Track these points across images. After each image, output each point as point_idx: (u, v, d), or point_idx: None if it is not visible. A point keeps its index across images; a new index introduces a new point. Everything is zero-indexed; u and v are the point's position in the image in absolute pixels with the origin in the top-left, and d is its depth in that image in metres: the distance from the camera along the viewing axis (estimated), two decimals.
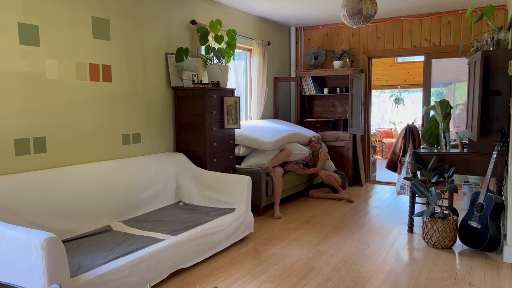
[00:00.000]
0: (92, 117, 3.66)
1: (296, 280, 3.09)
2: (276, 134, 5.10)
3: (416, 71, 9.75)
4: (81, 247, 2.88)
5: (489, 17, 3.61)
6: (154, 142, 4.32)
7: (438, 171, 3.84)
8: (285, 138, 5.16)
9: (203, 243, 3.32)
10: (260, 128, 5.24)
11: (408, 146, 5.00)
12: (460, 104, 6.92)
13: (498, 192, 3.69)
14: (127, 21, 3.94)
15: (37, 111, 3.23)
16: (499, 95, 3.53)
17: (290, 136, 5.30)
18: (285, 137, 5.18)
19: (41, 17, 3.22)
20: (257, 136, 4.93)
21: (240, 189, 3.92)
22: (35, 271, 2.20)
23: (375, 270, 3.27)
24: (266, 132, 5.11)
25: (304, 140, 5.67)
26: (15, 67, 3.07)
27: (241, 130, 4.98)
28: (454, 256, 3.56)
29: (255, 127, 5.27)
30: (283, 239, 4.00)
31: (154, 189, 3.95)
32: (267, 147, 4.85)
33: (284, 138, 5.15)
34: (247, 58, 6.12)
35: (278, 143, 5.01)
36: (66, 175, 3.27)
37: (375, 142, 9.76)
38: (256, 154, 5.01)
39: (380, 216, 4.78)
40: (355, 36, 6.54)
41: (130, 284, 2.66)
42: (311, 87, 6.66)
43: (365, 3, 3.88)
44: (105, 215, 3.43)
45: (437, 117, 4.21)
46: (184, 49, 4.26)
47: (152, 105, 4.27)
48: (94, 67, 3.64)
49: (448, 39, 5.91)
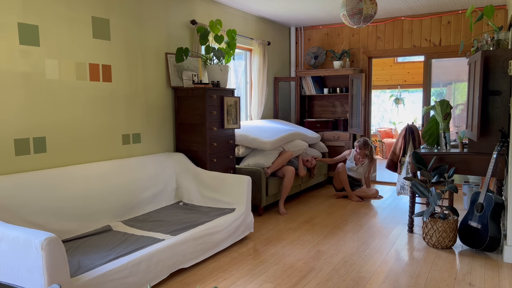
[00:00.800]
0: (92, 117, 3.66)
1: (296, 280, 3.09)
2: (276, 134, 5.09)
3: (416, 71, 9.75)
4: (81, 247, 2.88)
5: (489, 17, 3.61)
6: (154, 142, 4.32)
7: (438, 171, 3.84)
8: (284, 138, 5.15)
9: (203, 243, 3.32)
10: (260, 128, 5.23)
11: (408, 146, 5.00)
12: (460, 104, 6.92)
13: (498, 192, 3.69)
14: (127, 21, 3.94)
15: (37, 111, 3.23)
16: (499, 95, 3.53)
17: (290, 135, 5.30)
18: (285, 136, 5.16)
19: (41, 17, 3.22)
20: (256, 136, 4.92)
21: (240, 189, 3.91)
22: (35, 271, 2.20)
23: (375, 270, 3.26)
24: (265, 132, 5.10)
25: (304, 140, 5.67)
26: (15, 67, 3.07)
27: (241, 130, 4.97)
28: (454, 256, 3.56)
29: (255, 127, 5.26)
30: (283, 239, 4.00)
31: (154, 189, 3.95)
32: (267, 146, 4.85)
33: (284, 138, 5.14)
34: (247, 58, 6.12)
35: (278, 143, 5.00)
36: (66, 175, 3.27)
37: (375, 142, 9.76)
38: (255, 154, 5.01)
39: (380, 216, 4.78)
40: (355, 36, 6.54)
41: (130, 284, 2.66)
42: (311, 87, 6.66)
43: (365, 3, 3.88)
44: (105, 215, 3.43)
45: (437, 117, 4.21)
46: (184, 49, 4.26)
47: (152, 105, 4.27)
48: (94, 67, 3.64)
49: (448, 39, 5.91)
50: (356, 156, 5.63)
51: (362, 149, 5.55)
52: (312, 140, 5.92)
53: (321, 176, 6.18)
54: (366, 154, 5.60)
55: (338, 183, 5.64)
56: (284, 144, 5.22)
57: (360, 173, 5.66)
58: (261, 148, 4.89)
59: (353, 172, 5.64)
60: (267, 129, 5.24)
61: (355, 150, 5.62)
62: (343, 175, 5.50)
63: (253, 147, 4.93)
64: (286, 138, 5.20)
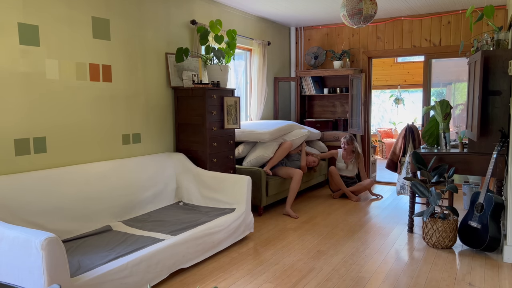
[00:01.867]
0: (92, 117, 3.66)
1: (296, 280, 3.09)
2: (273, 126, 5.13)
3: (416, 71, 9.75)
4: (81, 247, 2.88)
5: (489, 17, 3.61)
6: (154, 142, 4.32)
7: (438, 171, 3.84)
8: (282, 129, 5.16)
9: (203, 243, 3.32)
10: (258, 124, 5.30)
11: (408, 146, 5.00)
12: (460, 104, 6.92)
13: (498, 192, 3.69)
14: (127, 21, 3.94)
15: (37, 111, 3.23)
16: (499, 95, 3.53)
17: (288, 126, 5.31)
18: (282, 128, 5.17)
19: (41, 17, 3.22)
20: (253, 128, 4.98)
21: (240, 189, 3.91)
22: (35, 271, 2.20)
23: (375, 270, 3.26)
24: (263, 125, 5.16)
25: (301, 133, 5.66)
26: (15, 67, 3.07)
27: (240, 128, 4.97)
28: (454, 256, 3.56)
29: (253, 123, 5.33)
30: (283, 239, 4.00)
31: (154, 189, 3.95)
32: (265, 137, 4.86)
33: (281, 128, 5.15)
34: (247, 58, 6.12)
35: (276, 133, 5.02)
36: (66, 175, 3.27)
37: (375, 142, 9.76)
38: (255, 149, 5.02)
39: (380, 216, 4.78)
40: (355, 36, 6.54)
41: (130, 284, 2.66)
42: (311, 87, 6.66)
43: (365, 3, 3.88)
44: (105, 215, 3.43)
45: (437, 117, 4.21)
46: (184, 49, 4.26)
47: (152, 105, 4.27)
48: (94, 67, 3.64)
49: (448, 39, 5.91)
50: (343, 154, 5.73)
51: (350, 145, 5.65)
52: (312, 135, 5.92)
53: (321, 176, 6.18)
54: (353, 150, 5.70)
55: (334, 186, 5.70)
56: (284, 135, 5.22)
57: (351, 170, 5.75)
58: (260, 140, 4.90)
59: (344, 171, 5.73)
60: (265, 124, 5.29)
61: (342, 148, 5.73)
62: (336, 177, 5.56)
63: (251, 140, 4.94)
64: (284, 129, 5.21)
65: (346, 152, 5.70)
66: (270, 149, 4.97)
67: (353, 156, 5.74)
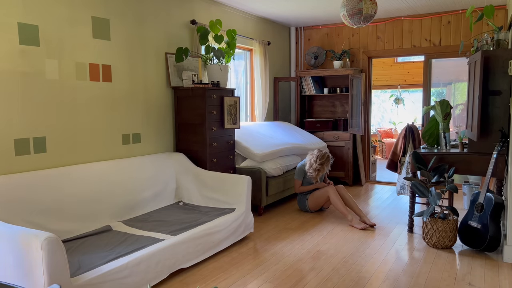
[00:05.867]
0: (92, 117, 3.66)
1: (296, 280, 3.09)
2: (269, 147, 4.97)
3: (416, 71, 9.75)
4: (81, 247, 2.88)
5: (489, 17, 3.61)
6: (154, 142, 4.32)
7: (438, 171, 3.84)
8: (276, 152, 5.01)
9: (203, 243, 3.32)
10: (257, 135, 5.18)
11: (408, 146, 5.00)
12: (460, 104, 6.92)
13: (498, 192, 3.69)
14: (127, 21, 3.94)
15: (37, 111, 3.23)
16: (499, 95, 3.53)
17: (285, 150, 5.19)
18: (277, 151, 5.02)
19: (41, 17, 3.22)
20: (248, 145, 4.86)
21: (240, 189, 3.91)
22: (35, 271, 2.20)
23: (375, 270, 3.26)
24: (260, 141, 5.02)
25: (302, 153, 5.53)
26: (15, 67, 3.07)
27: (236, 136, 4.91)
28: (454, 256, 3.56)
29: (252, 132, 5.22)
30: (283, 239, 4.00)
31: (154, 189, 3.95)
32: (256, 159, 4.80)
33: (276, 152, 5.00)
34: (247, 58, 6.12)
35: (268, 157, 4.90)
36: (66, 175, 3.27)
37: (375, 142, 9.75)
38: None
39: (380, 216, 4.78)
40: (355, 36, 6.54)
41: (130, 284, 2.65)
42: (311, 87, 6.66)
43: (365, 3, 3.88)
44: (105, 215, 3.43)
45: (437, 117, 4.21)
46: (184, 49, 4.26)
47: (152, 105, 4.27)
48: (94, 67, 3.64)
49: (448, 39, 5.91)
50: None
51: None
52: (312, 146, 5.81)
53: None
54: None
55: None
56: (277, 157, 5.08)
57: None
58: (251, 159, 4.87)
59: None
60: (263, 138, 5.16)
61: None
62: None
63: (244, 155, 4.92)
64: (279, 153, 5.07)
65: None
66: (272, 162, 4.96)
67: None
